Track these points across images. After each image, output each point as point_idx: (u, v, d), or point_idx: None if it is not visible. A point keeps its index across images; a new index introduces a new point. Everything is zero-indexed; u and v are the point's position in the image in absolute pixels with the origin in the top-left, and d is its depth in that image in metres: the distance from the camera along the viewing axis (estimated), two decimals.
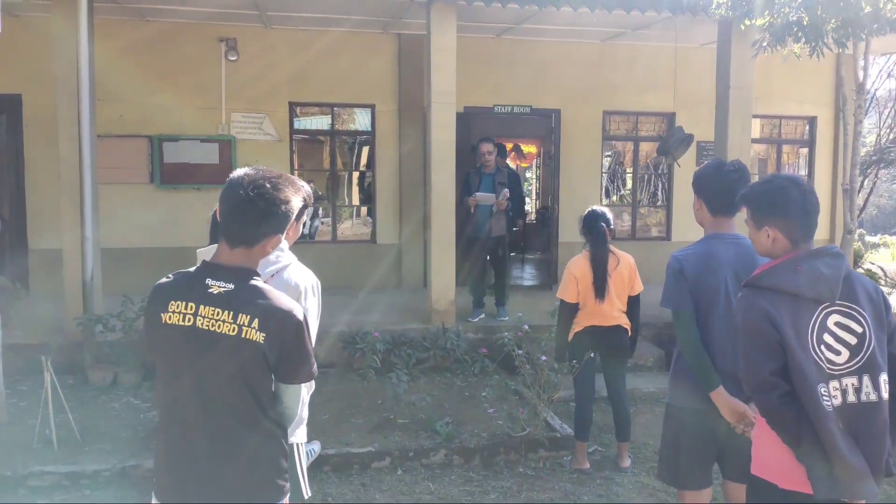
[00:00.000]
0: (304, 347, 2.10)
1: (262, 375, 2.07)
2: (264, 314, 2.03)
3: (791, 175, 2.49)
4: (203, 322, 2.04)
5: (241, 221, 2.06)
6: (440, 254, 7.14)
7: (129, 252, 8.24)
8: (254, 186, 2.04)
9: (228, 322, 2.02)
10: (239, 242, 2.08)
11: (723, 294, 3.00)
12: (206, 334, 2.03)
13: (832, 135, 10.36)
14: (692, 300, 3.03)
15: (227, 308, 2.03)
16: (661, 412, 6.01)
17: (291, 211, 2.11)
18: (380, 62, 9.06)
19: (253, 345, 2.01)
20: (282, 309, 2.06)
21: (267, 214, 2.05)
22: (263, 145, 8.82)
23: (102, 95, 7.86)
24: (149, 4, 7.70)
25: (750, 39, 7.24)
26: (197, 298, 2.05)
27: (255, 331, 2.01)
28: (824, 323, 2.32)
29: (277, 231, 2.10)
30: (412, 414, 5.32)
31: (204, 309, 2.04)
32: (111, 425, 5.28)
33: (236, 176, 2.10)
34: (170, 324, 2.06)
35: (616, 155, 10.63)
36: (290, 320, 2.05)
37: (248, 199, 2.03)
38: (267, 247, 2.12)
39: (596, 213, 4.54)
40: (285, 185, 2.10)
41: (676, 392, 3.13)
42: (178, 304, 2.06)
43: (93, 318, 6.26)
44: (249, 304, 2.03)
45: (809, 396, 2.26)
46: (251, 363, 2.03)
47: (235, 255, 2.09)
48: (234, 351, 2.02)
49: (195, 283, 2.08)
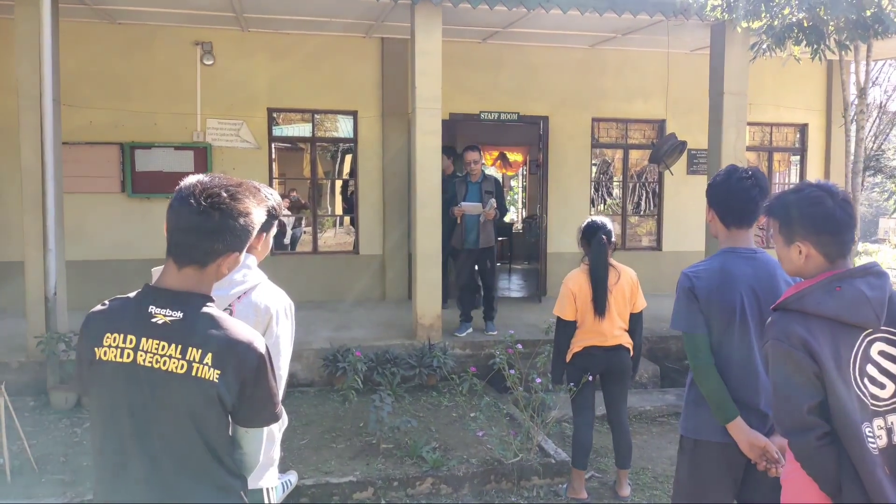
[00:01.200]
0: (267, 385, 1.78)
1: (217, 419, 1.74)
2: (219, 348, 1.71)
3: (823, 182, 2.20)
4: (145, 358, 1.71)
5: (192, 237, 1.74)
6: (425, 266, 6.83)
7: (99, 265, 7.86)
8: (207, 195, 1.72)
9: (176, 358, 1.70)
10: (189, 261, 1.76)
11: (739, 314, 2.69)
12: (149, 372, 1.71)
13: (824, 142, 10.23)
14: (705, 322, 2.72)
15: (175, 341, 1.71)
16: (658, 433, 5.78)
17: (251, 225, 1.79)
18: (362, 67, 8.77)
19: (205, 384, 1.70)
20: (240, 341, 1.74)
21: (222, 229, 1.73)
22: (241, 153, 8.48)
23: (71, 101, 7.53)
24: (119, 6, 7.36)
25: (745, 43, 7.06)
26: (138, 330, 1.73)
27: (208, 368, 1.70)
28: (868, 352, 2.03)
29: (234, 248, 1.78)
30: (397, 438, 4.99)
31: (146, 342, 1.72)
32: (72, 452, 4.92)
33: (187, 184, 1.77)
34: (105, 360, 1.73)
35: (605, 162, 10.40)
36: (249, 354, 1.74)
37: (201, 211, 1.71)
38: (222, 267, 1.80)
39: (596, 224, 4.24)
40: (245, 194, 1.79)
41: (690, 423, 2.81)
42: (116, 337, 1.73)
43: (55, 337, 5.89)
44: (201, 335, 1.71)
45: (853, 438, 1.97)
46: (203, 406, 1.71)
47: (185, 276, 1.77)
48: (182, 392, 1.70)
49: (136, 312, 1.75)
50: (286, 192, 11.15)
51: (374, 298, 8.85)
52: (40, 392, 6.01)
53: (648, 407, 6.10)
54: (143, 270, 4.17)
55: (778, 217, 2.20)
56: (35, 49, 5.97)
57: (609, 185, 10.53)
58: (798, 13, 5.38)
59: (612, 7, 6.75)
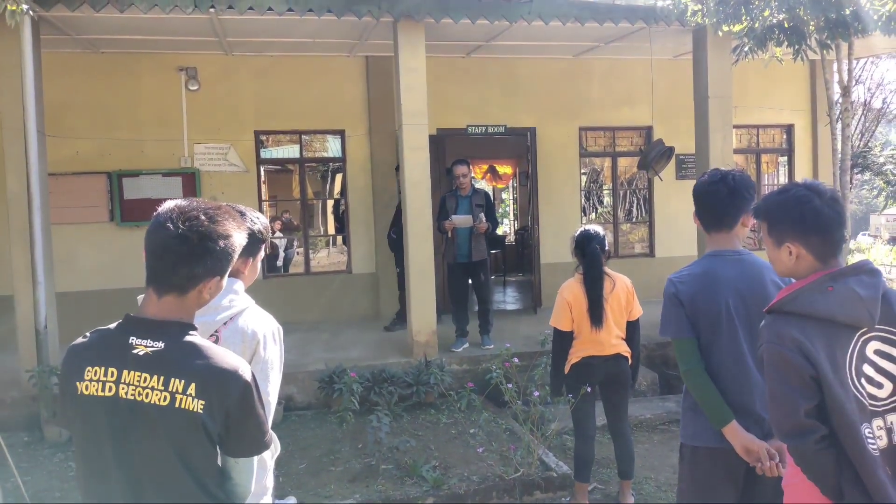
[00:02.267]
0: (254, 414, 1.74)
1: (203, 451, 1.70)
2: (203, 377, 1.67)
3: (810, 182, 2.18)
4: (127, 391, 1.67)
5: (170, 262, 1.70)
6: (419, 282, 6.80)
7: (89, 295, 7.79)
8: (185, 219, 1.69)
9: (158, 389, 1.66)
10: (168, 289, 1.72)
11: (725, 317, 2.68)
12: (132, 406, 1.67)
13: (810, 142, 10.27)
14: (692, 326, 2.71)
15: (157, 372, 1.67)
16: (659, 441, 5.73)
17: (232, 247, 1.76)
18: (348, 86, 8.77)
19: (189, 416, 1.65)
20: (224, 369, 1.70)
21: (202, 253, 1.70)
22: (229, 177, 8.46)
23: (56, 131, 7.50)
24: (102, 35, 7.36)
25: (727, 47, 7.09)
26: (119, 362, 1.69)
27: (191, 398, 1.65)
28: (863, 352, 2.01)
29: (215, 273, 1.74)
30: (396, 458, 4.93)
31: (128, 375, 1.67)
32: (67, 487, 4.85)
33: (165, 208, 1.74)
34: (87, 395, 1.69)
35: (594, 171, 10.41)
36: (234, 383, 1.69)
37: (179, 236, 1.68)
38: (204, 293, 1.75)
39: (589, 233, 4.21)
40: (224, 217, 1.75)
41: (688, 430, 2.78)
42: (97, 371, 1.69)
43: (47, 370, 5.81)
44: (184, 365, 1.67)
45: (852, 439, 1.94)
46: (188, 438, 1.67)
47: (165, 305, 1.73)
48: (166, 424, 1.66)
49: (116, 344, 1.71)
50: (278, 214, 11.12)
51: (369, 317, 8.80)
52: (34, 426, 5.93)
53: (649, 415, 6.05)
54: (133, 299, 4.15)
55: (766, 219, 2.19)
56: (17, 80, 5.94)
57: (599, 194, 10.55)
58: (778, 14, 5.40)
59: (594, 16, 6.77)
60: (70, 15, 6.10)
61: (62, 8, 5.83)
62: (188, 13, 6.01)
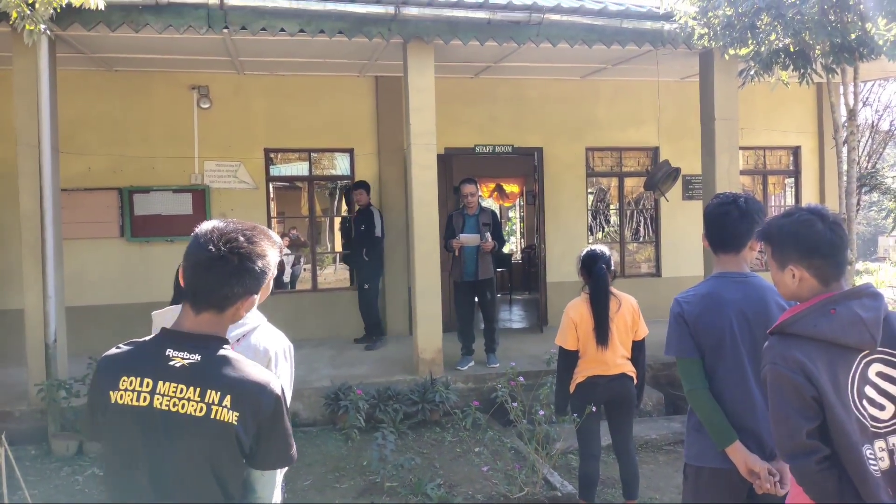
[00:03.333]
0: (284, 427, 1.78)
1: (234, 463, 1.74)
2: (238, 390, 1.71)
3: (814, 206, 2.22)
4: (163, 401, 1.70)
5: (211, 282, 1.75)
6: (425, 299, 6.83)
7: (99, 309, 7.86)
8: (226, 241, 1.75)
9: (195, 401, 1.69)
10: (207, 306, 1.77)
11: (729, 338, 2.70)
12: (167, 416, 1.70)
13: (817, 164, 10.30)
14: (697, 346, 2.73)
15: (193, 384, 1.70)
16: (664, 461, 5.71)
17: (268, 267, 1.82)
18: (358, 105, 8.87)
19: (224, 427, 1.69)
20: (257, 383, 1.74)
21: (241, 272, 1.75)
22: (239, 194, 8.54)
23: (69, 148, 7.61)
24: (116, 54, 7.47)
25: (733, 70, 7.14)
26: (155, 373, 1.72)
27: (227, 410, 1.69)
28: (865, 374, 2.03)
29: (252, 291, 1.80)
30: (401, 476, 4.94)
31: (163, 385, 1.71)
32: (74, 501, 4.86)
33: (204, 230, 1.79)
34: (121, 404, 1.72)
35: (601, 191, 10.45)
36: (267, 396, 1.74)
37: (220, 257, 1.73)
38: (240, 311, 1.81)
39: (595, 253, 4.24)
40: (260, 237, 1.81)
41: (693, 450, 2.79)
42: (132, 381, 1.72)
43: (55, 384, 5.86)
44: (219, 378, 1.72)
45: (854, 460, 1.96)
46: (221, 449, 1.70)
47: (202, 321, 1.78)
48: (201, 435, 1.69)
49: (153, 355, 1.75)
50: (286, 231, 11.21)
51: None
52: (41, 440, 5.96)
53: (654, 435, 6.04)
54: (144, 314, 4.19)
55: (770, 242, 2.22)
56: (33, 98, 6.04)
57: (606, 213, 10.58)
58: (784, 38, 5.45)
59: (601, 39, 6.84)
60: (86, 34, 6.21)
61: (78, 27, 5.94)
62: (202, 33, 6.11)
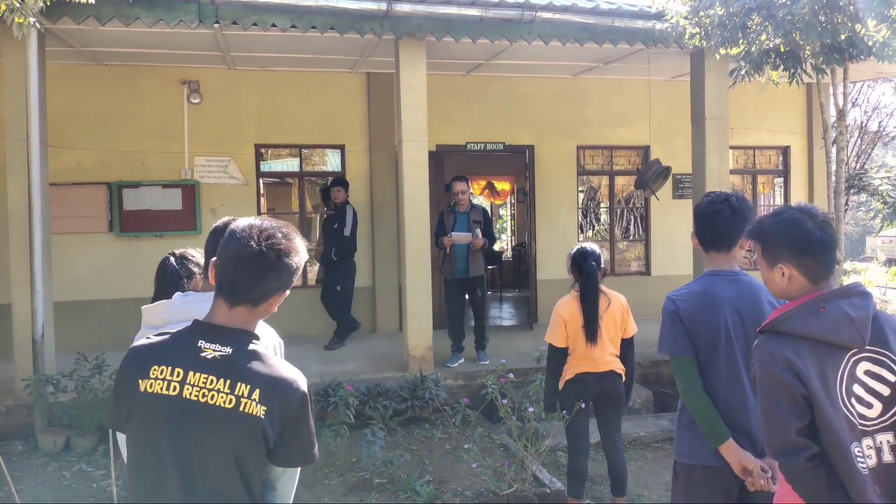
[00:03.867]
0: (308, 425, 1.79)
1: (258, 458, 1.74)
2: (266, 384, 1.72)
3: (804, 205, 2.23)
4: (192, 392, 1.71)
5: (251, 277, 1.76)
6: (415, 297, 6.83)
7: (87, 304, 7.81)
8: (266, 237, 1.76)
9: (224, 392, 1.70)
10: (244, 300, 1.78)
11: (724, 336, 2.72)
12: (196, 406, 1.70)
13: (806, 163, 10.36)
14: (691, 344, 2.74)
15: (224, 375, 1.71)
16: (653, 458, 5.74)
17: (300, 263, 1.83)
18: (349, 102, 8.85)
19: (252, 420, 1.69)
20: (285, 379, 1.75)
21: (279, 268, 1.77)
22: (229, 189, 8.50)
23: (58, 142, 7.55)
24: (106, 48, 7.42)
25: (724, 69, 7.17)
26: (186, 363, 1.73)
27: (255, 403, 1.69)
28: (853, 372, 2.05)
29: (285, 287, 1.82)
30: (390, 473, 4.94)
31: (194, 376, 1.71)
32: (61, 497, 4.85)
33: (242, 226, 1.80)
34: (150, 392, 1.72)
35: (592, 189, 10.47)
36: (294, 392, 1.75)
37: (260, 252, 1.74)
38: (273, 306, 1.82)
39: (585, 250, 4.26)
40: (294, 235, 1.83)
41: (684, 448, 2.80)
42: (163, 369, 1.73)
43: (42, 379, 5.81)
44: (250, 371, 1.72)
45: (842, 458, 1.97)
46: (247, 442, 1.70)
47: (235, 315, 1.78)
48: (229, 427, 1.69)
49: (185, 345, 1.76)
50: None
51: (365, 331, 8.80)
52: (28, 435, 5.92)
53: (642, 433, 6.07)
54: (131, 310, 4.18)
55: (760, 240, 2.23)
56: (22, 91, 5.99)
57: (597, 212, 10.60)
58: (774, 39, 5.47)
59: (593, 37, 6.85)
60: (75, 28, 6.17)
61: (68, 21, 5.89)
62: (192, 28, 6.08)
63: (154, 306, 2.70)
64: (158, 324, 2.63)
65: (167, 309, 2.66)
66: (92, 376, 5.80)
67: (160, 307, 2.69)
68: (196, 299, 2.63)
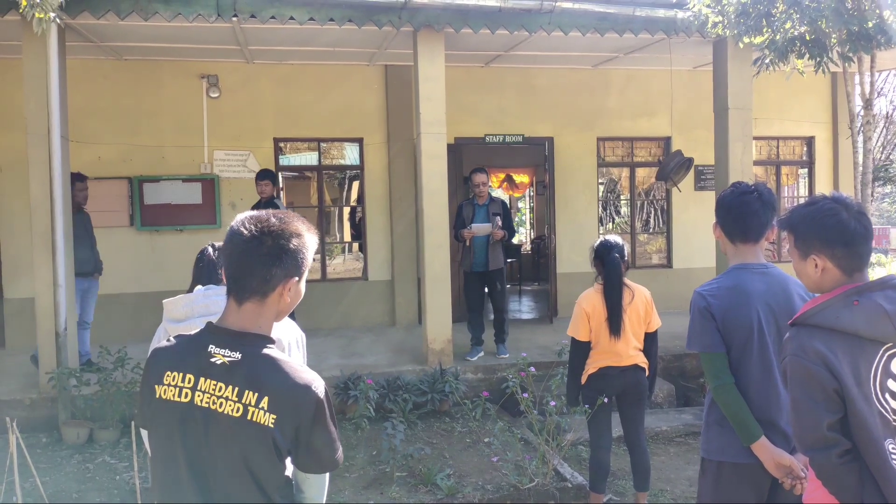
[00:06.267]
0: (327, 430, 1.72)
1: (271, 464, 1.69)
2: (276, 392, 1.66)
3: (837, 195, 2.16)
4: (202, 398, 1.68)
5: (248, 265, 1.71)
6: (435, 290, 6.80)
7: (109, 298, 7.86)
8: (256, 222, 1.73)
9: (232, 400, 1.66)
10: (248, 293, 1.73)
11: (756, 331, 2.64)
12: (206, 414, 1.67)
13: (831, 154, 10.18)
14: (723, 340, 2.67)
15: (232, 383, 1.67)
16: (676, 453, 5.68)
17: (304, 247, 1.76)
18: (367, 94, 8.82)
19: (260, 429, 1.65)
20: (298, 384, 1.68)
21: (278, 252, 1.71)
22: (248, 183, 8.49)
23: (79, 137, 7.60)
24: (125, 42, 7.45)
25: (747, 58, 7.06)
26: (197, 369, 1.70)
27: (263, 412, 1.65)
28: (888, 367, 1.99)
29: (292, 274, 1.74)
30: (410, 466, 4.93)
31: (204, 382, 1.68)
32: (84, 489, 4.89)
33: (236, 221, 1.78)
34: (164, 399, 1.71)
35: (612, 181, 10.38)
36: (307, 399, 1.68)
37: (253, 238, 1.70)
38: (284, 296, 1.75)
39: (609, 243, 4.20)
40: (292, 218, 1.78)
41: (713, 445, 2.73)
42: (175, 376, 1.71)
43: (66, 372, 5.87)
44: (258, 379, 1.67)
45: (875, 455, 1.92)
46: (257, 450, 1.66)
47: (245, 313, 1.74)
48: (237, 435, 1.66)
49: (196, 350, 1.72)
50: None
51: (384, 324, 8.82)
52: (52, 428, 5.99)
53: (665, 427, 6.01)
54: (153, 303, 4.20)
55: (793, 231, 2.17)
56: (43, 87, 6.03)
57: (617, 204, 10.52)
58: (800, 27, 5.36)
59: (613, 27, 6.76)
60: (95, 23, 6.19)
61: (87, 16, 5.92)
62: (211, 22, 6.08)
63: (175, 300, 2.71)
64: (181, 318, 2.64)
65: (188, 303, 2.66)
66: (114, 370, 5.84)
67: (181, 301, 2.69)
68: (217, 293, 2.63)
